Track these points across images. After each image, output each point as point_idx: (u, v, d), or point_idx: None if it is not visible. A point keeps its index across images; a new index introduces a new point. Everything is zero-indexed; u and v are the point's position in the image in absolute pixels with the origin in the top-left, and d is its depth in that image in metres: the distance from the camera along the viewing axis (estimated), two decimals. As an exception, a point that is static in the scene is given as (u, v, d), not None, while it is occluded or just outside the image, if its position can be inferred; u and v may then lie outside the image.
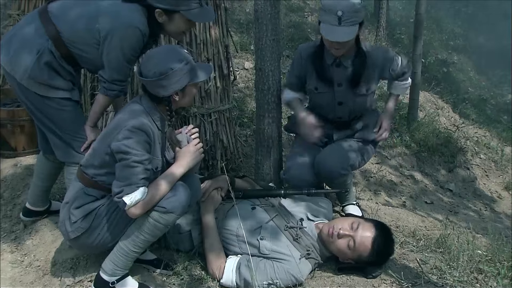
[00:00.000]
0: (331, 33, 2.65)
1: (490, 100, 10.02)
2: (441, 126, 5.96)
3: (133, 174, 2.12)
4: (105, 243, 2.30)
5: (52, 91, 2.41)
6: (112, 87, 2.42)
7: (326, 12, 2.63)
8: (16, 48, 2.38)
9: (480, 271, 2.60)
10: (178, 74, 2.19)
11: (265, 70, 3.02)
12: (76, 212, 2.25)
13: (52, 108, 2.45)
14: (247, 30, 6.88)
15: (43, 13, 2.40)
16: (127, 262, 2.29)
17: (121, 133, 2.14)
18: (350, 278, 2.54)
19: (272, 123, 3.12)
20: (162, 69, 2.17)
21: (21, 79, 2.37)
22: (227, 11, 3.80)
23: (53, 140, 2.55)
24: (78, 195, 2.28)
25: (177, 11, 2.34)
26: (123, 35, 2.30)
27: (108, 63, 2.36)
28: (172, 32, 2.50)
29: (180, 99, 2.30)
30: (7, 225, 2.98)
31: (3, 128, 3.43)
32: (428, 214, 3.70)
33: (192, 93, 2.35)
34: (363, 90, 2.92)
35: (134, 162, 2.12)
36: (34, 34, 2.37)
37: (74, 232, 2.26)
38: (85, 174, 2.29)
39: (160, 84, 2.19)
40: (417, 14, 5.64)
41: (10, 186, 3.30)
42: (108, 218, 2.25)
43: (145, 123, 2.19)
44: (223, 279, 2.44)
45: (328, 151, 2.95)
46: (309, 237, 2.56)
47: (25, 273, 2.59)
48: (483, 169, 5.40)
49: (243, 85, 5.58)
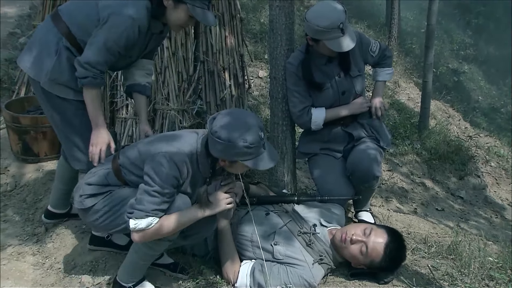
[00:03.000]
0: (341, 45, 2.70)
1: (501, 109, 9.93)
2: (452, 134, 5.91)
3: (149, 202, 2.06)
4: (107, 228, 2.30)
5: (72, 93, 2.43)
6: (83, 73, 2.30)
7: (326, 31, 2.66)
8: (36, 53, 2.42)
9: (491, 278, 2.57)
10: (233, 150, 2.07)
11: (279, 79, 3.02)
12: (86, 188, 2.26)
13: (69, 111, 2.47)
14: (261, 40, 6.89)
15: (54, 15, 2.44)
16: (140, 271, 2.32)
17: (159, 158, 2.10)
18: (363, 284, 2.52)
19: (286, 130, 3.11)
20: (223, 135, 2.05)
21: (43, 83, 2.40)
22: (243, 22, 3.82)
23: (63, 145, 2.58)
24: (99, 173, 2.30)
25: (184, 2, 2.31)
26: (113, 22, 2.27)
27: (89, 44, 2.31)
28: (172, 22, 2.43)
29: (227, 166, 2.22)
30: (29, 228, 3.00)
31: (27, 134, 3.47)
32: (439, 221, 3.66)
33: (242, 169, 2.24)
34: (356, 71, 2.97)
35: (155, 192, 2.07)
36: (49, 36, 2.41)
37: (78, 204, 2.27)
38: (120, 167, 2.28)
39: (214, 143, 2.10)
40: (428, 24, 5.61)
41: (33, 190, 3.33)
42: (110, 209, 2.22)
43: (184, 162, 2.15)
44: (238, 284, 2.43)
45: (359, 155, 2.93)
46: (322, 243, 2.55)
47: (46, 275, 2.61)
48: (494, 177, 5.34)
49: (257, 93, 5.59)
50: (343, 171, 3.01)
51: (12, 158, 3.63)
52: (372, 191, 3.11)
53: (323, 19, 2.66)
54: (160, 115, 3.43)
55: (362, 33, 3.06)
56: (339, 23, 2.65)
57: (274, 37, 2.97)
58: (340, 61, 2.92)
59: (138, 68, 2.70)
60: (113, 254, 2.63)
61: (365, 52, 3.01)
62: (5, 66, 5.02)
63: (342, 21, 2.65)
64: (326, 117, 2.96)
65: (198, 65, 3.50)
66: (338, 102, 2.99)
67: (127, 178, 2.25)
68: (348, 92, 2.98)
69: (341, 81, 2.95)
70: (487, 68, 12.55)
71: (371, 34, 8.85)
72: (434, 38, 5.73)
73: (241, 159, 2.11)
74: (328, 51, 2.78)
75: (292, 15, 2.95)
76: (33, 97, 3.85)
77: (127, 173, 2.25)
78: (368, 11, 10.90)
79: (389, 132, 3.16)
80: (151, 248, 2.23)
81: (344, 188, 2.94)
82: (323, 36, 2.69)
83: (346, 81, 2.96)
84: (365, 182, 2.93)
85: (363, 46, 2.98)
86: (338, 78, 2.95)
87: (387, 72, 3.10)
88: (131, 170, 2.24)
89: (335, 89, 2.95)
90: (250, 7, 7.90)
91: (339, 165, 3.04)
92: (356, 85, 2.99)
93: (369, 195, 3.17)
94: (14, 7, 7.06)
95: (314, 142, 3.12)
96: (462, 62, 11.55)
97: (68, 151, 2.58)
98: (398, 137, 5.42)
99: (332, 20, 2.65)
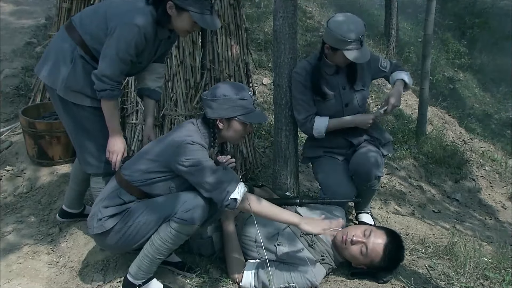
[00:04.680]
0: (359, 56, 2.70)
1: (494, 115, 9.89)
2: (448, 140, 5.89)
3: (223, 175, 2.13)
4: (126, 246, 2.30)
5: (87, 100, 2.43)
6: (100, 86, 2.30)
7: (350, 41, 2.66)
8: (53, 62, 2.42)
9: (486, 278, 2.56)
10: (228, 103, 2.22)
11: (283, 86, 3.02)
12: (104, 211, 2.26)
13: (84, 118, 2.47)
14: (265, 49, 6.90)
15: (68, 25, 2.44)
16: (151, 267, 2.29)
17: (183, 145, 2.16)
18: (362, 283, 2.51)
19: (289, 135, 3.11)
20: (217, 92, 2.22)
21: (59, 90, 2.40)
22: (248, 31, 3.82)
23: (76, 150, 2.58)
24: (111, 196, 2.30)
25: (187, 10, 2.30)
26: (121, 32, 2.26)
27: (103, 57, 2.30)
28: (178, 28, 2.43)
29: (224, 129, 2.30)
30: (44, 228, 3.00)
31: (42, 139, 3.47)
32: (436, 223, 3.65)
33: (238, 129, 2.31)
34: (360, 85, 2.96)
35: (212, 167, 2.14)
36: (64, 46, 2.41)
37: (97, 228, 2.26)
38: (124, 176, 2.30)
39: (210, 104, 2.24)
40: (425, 34, 5.61)
41: (47, 192, 3.33)
42: (130, 225, 2.23)
43: (199, 139, 2.23)
44: (242, 282, 2.42)
45: (362, 156, 2.92)
46: (323, 244, 2.54)
47: (60, 273, 2.61)
48: (488, 180, 5.32)
49: (261, 100, 5.59)
50: (345, 172, 2.99)
51: (28, 161, 3.64)
52: (373, 192, 3.08)
53: (347, 30, 2.67)
54: (168, 121, 3.43)
55: (372, 52, 3.04)
56: (360, 35, 2.66)
57: (278, 46, 2.97)
58: (347, 73, 2.92)
59: (150, 72, 2.69)
60: (124, 254, 2.62)
61: (375, 68, 2.99)
62: (22, 74, 5.05)
63: (363, 34, 2.67)
64: (329, 126, 2.94)
65: (205, 73, 3.50)
66: (342, 113, 2.96)
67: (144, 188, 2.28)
68: (351, 104, 2.96)
69: (345, 93, 2.94)
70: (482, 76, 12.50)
71: (370, 44, 8.84)
72: (430, 47, 5.74)
73: (237, 114, 2.23)
74: (342, 60, 2.78)
75: (295, 25, 2.95)
76: (48, 103, 3.86)
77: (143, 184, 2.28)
78: (367, 21, 10.84)
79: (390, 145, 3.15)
80: (171, 241, 2.21)
81: (347, 188, 2.92)
82: (343, 46, 2.68)
83: (349, 93, 2.94)
84: (367, 182, 2.91)
85: (372, 62, 2.96)
86: (343, 90, 2.93)
87: (404, 73, 2.95)
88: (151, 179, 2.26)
89: (339, 101, 2.94)
90: (255, 17, 7.91)
91: (341, 166, 3.03)
92: (357, 98, 2.96)
93: (370, 196, 3.14)
94: (30, 18, 7.11)
95: (317, 148, 3.11)
96: (457, 70, 11.51)
97: (81, 155, 2.58)
98: (396, 142, 5.41)
99: (356, 32, 2.65)
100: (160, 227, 2.21)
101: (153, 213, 2.21)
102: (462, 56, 12.20)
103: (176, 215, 2.16)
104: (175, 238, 2.20)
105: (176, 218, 2.16)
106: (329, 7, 10.29)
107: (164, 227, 2.19)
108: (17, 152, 3.78)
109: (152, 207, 2.23)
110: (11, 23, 6.99)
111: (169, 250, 2.27)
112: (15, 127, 4.13)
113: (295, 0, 2.92)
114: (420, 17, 13.77)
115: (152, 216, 2.21)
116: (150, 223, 2.21)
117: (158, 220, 2.20)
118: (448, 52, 12.15)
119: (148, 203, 2.26)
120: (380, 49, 8.88)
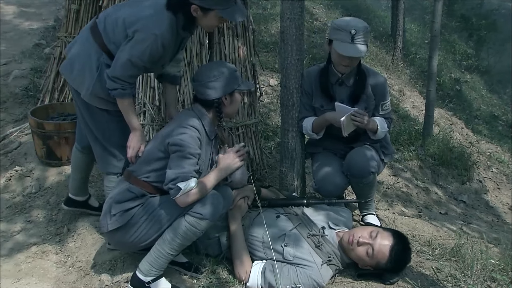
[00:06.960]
0: (345, 49, 2.69)
1: (501, 117, 9.84)
2: (454, 141, 5.87)
3: (188, 165, 2.20)
4: (140, 242, 2.31)
5: (111, 104, 2.44)
6: (112, 85, 2.32)
7: (340, 31, 2.70)
8: (80, 67, 2.42)
9: (493, 280, 2.54)
10: (227, 78, 2.34)
11: (290, 87, 3.02)
12: (116, 206, 2.29)
13: (106, 120, 2.49)
14: (272, 50, 6.91)
15: (93, 28, 2.42)
16: (163, 263, 2.30)
17: (176, 130, 2.25)
18: (369, 284, 2.50)
19: (295, 136, 3.11)
20: (215, 72, 2.34)
21: (84, 95, 2.42)
22: (255, 33, 3.83)
23: (97, 151, 2.59)
24: (121, 191, 2.33)
25: (212, 9, 2.29)
26: (138, 39, 2.27)
27: (116, 59, 2.31)
28: (205, 26, 2.47)
29: (228, 104, 2.40)
30: (52, 228, 3.02)
31: (50, 139, 3.49)
32: (443, 224, 3.63)
33: (238, 100, 2.47)
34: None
35: (189, 154, 2.21)
36: (91, 51, 2.40)
37: (112, 225, 2.28)
38: (132, 173, 2.36)
39: (213, 86, 2.34)
40: (432, 36, 5.60)
41: (56, 192, 3.35)
42: (145, 219, 2.27)
43: (196, 123, 2.32)
44: (249, 283, 2.42)
45: (355, 153, 2.92)
46: (330, 245, 2.53)
47: (68, 273, 2.62)
48: (495, 182, 5.30)
49: (268, 101, 5.59)
50: (339, 164, 2.99)
51: (36, 162, 3.66)
52: (371, 187, 3.01)
53: (342, 21, 2.75)
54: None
55: (387, 85, 3.03)
56: (352, 29, 2.66)
57: (285, 47, 2.98)
58: (352, 89, 2.89)
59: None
60: (131, 254, 2.63)
61: (378, 102, 2.95)
62: (31, 75, 5.08)
63: (356, 30, 2.65)
64: (314, 125, 2.96)
65: (212, 74, 3.51)
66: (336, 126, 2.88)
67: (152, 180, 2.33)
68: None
69: None
70: (488, 78, 12.48)
71: (377, 45, 8.83)
72: (437, 48, 5.73)
73: (235, 86, 2.39)
74: (337, 58, 2.77)
75: (302, 27, 2.95)
76: (57, 104, 3.89)
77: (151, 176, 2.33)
78: (374, 23, 10.86)
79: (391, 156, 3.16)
80: (185, 236, 2.23)
81: (335, 178, 2.92)
82: (335, 35, 2.72)
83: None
84: (362, 177, 2.89)
85: (380, 96, 2.93)
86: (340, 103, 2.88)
87: (385, 124, 2.94)
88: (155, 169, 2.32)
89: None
90: (262, 19, 7.93)
91: (337, 161, 3.03)
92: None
93: (368, 192, 3.06)
94: (39, 20, 7.16)
95: (318, 146, 3.12)
96: (464, 72, 11.48)
97: (102, 154, 2.58)
98: (403, 144, 5.40)
99: (348, 24, 2.69)
100: (175, 222, 2.24)
101: (168, 207, 2.25)
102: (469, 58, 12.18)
103: (192, 209, 2.20)
104: (189, 232, 2.22)
105: (192, 212, 2.20)
106: (335, 8, 10.29)
107: (178, 222, 2.22)
108: (26, 153, 3.80)
109: (167, 202, 2.25)
110: (20, 24, 7.05)
111: (182, 247, 2.29)
112: (24, 127, 4.15)
113: (302, 2, 2.92)
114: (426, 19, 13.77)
115: (167, 210, 2.24)
116: (164, 217, 2.24)
117: (173, 214, 2.24)
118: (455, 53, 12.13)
119: (163, 198, 2.29)
120: (387, 50, 8.87)
